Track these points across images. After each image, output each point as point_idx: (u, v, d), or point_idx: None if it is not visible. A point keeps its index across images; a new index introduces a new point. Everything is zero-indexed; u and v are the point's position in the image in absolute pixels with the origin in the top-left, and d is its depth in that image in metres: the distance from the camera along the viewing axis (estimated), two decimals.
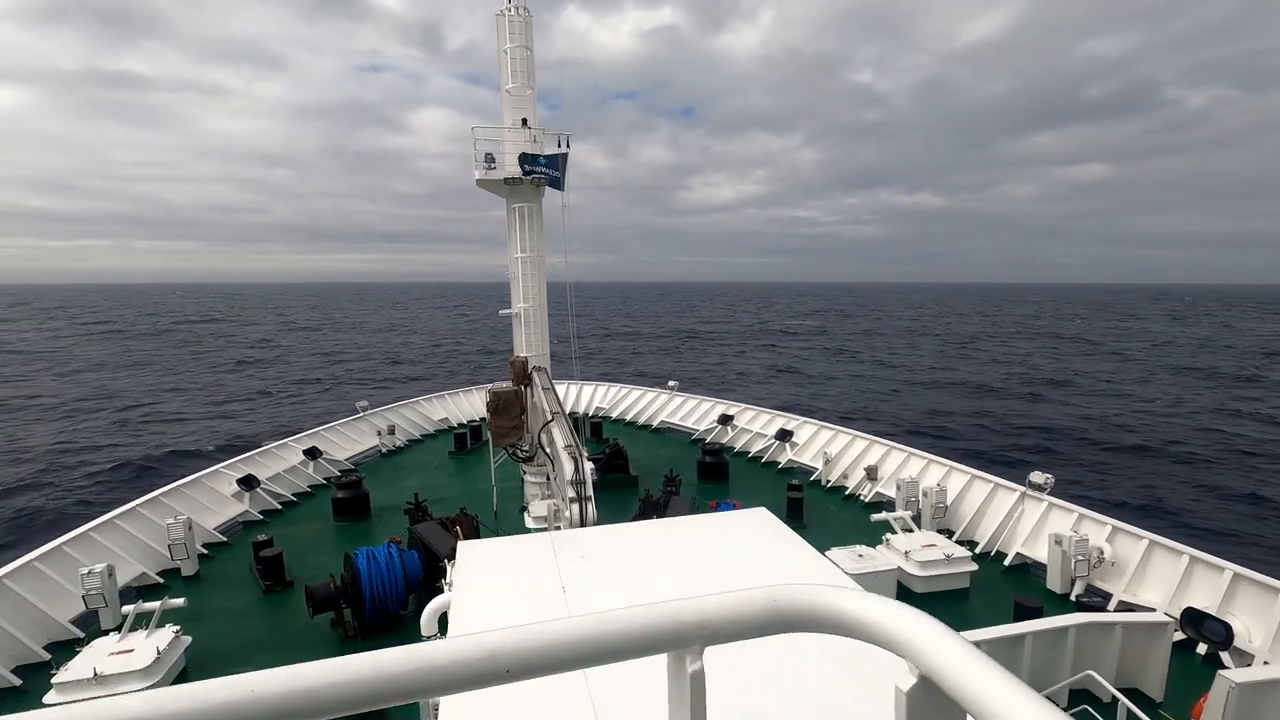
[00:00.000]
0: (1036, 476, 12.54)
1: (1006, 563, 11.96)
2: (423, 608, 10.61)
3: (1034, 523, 12.16)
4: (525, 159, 13.63)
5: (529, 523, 13.62)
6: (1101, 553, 10.74)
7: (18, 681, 9.00)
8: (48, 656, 9.46)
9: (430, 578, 10.58)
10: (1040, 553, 11.68)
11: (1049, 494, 12.40)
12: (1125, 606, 10.16)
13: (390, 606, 10.17)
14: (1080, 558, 10.59)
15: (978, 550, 12.28)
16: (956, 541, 12.12)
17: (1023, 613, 9.32)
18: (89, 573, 10.07)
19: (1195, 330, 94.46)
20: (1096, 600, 10.03)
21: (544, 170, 13.78)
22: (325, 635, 10.11)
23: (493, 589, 4.71)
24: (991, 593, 11.01)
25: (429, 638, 5.36)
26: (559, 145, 14.13)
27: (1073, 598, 10.58)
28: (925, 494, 13.32)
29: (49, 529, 19.83)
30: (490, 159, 14.02)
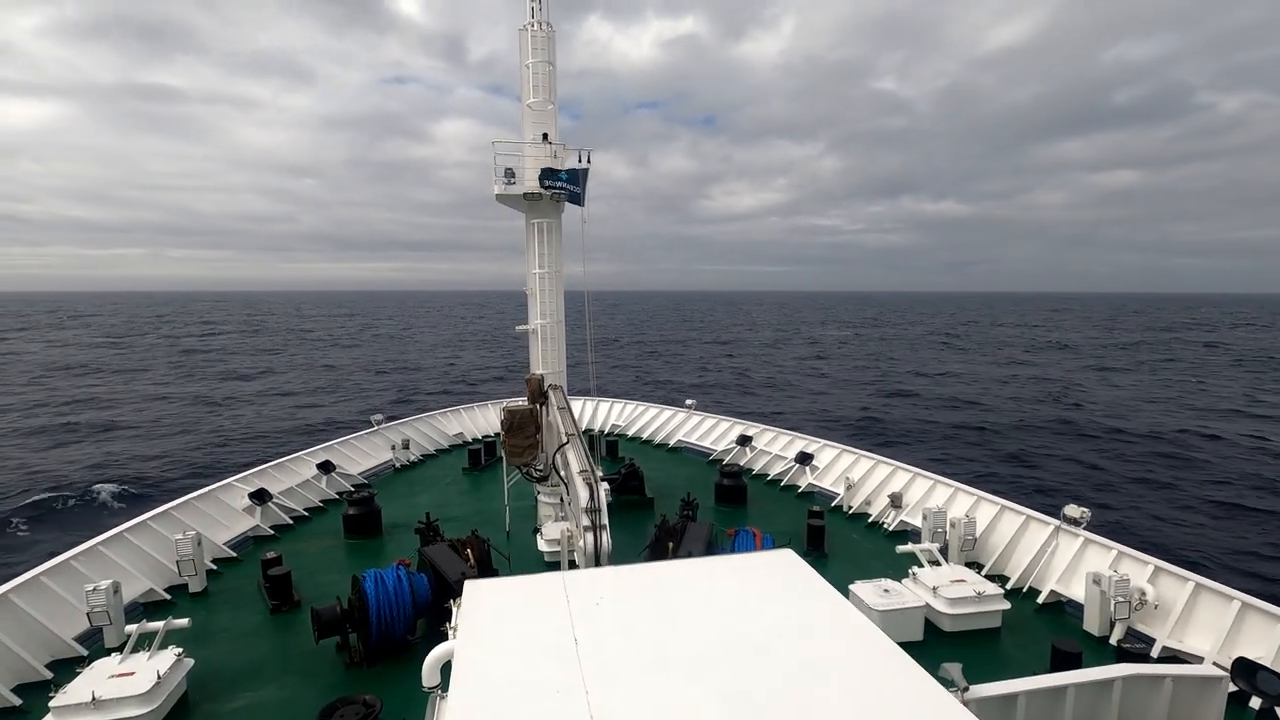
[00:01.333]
0: (1072, 510, 11.96)
1: (1040, 601, 11.39)
2: (430, 633, 10.36)
3: (1069, 559, 11.58)
4: (545, 174, 13.46)
5: (542, 545, 13.31)
6: (1143, 594, 10.15)
7: (18, 701, 8.82)
8: (50, 675, 9.28)
9: (439, 602, 10.30)
10: (1076, 591, 11.11)
11: (1085, 529, 11.83)
12: (1170, 653, 9.59)
13: (397, 632, 9.88)
14: (1120, 599, 10.01)
15: (1009, 587, 11.73)
16: (986, 576, 11.58)
17: (1060, 659, 8.79)
18: (94, 589, 9.90)
19: (1247, 343, 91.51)
20: (1139, 647, 9.44)
21: (564, 185, 13.61)
22: (330, 660, 9.84)
23: (500, 638, 4.38)
24: (1025, 634, 10.45)
25: (430, 689, 5.04)
26: (580, 160, 13.96)
27: (1112, 642, 10.01)
28: (953, 525, 12.79)
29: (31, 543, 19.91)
30: (510, 174, 13.88)
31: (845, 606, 4.69)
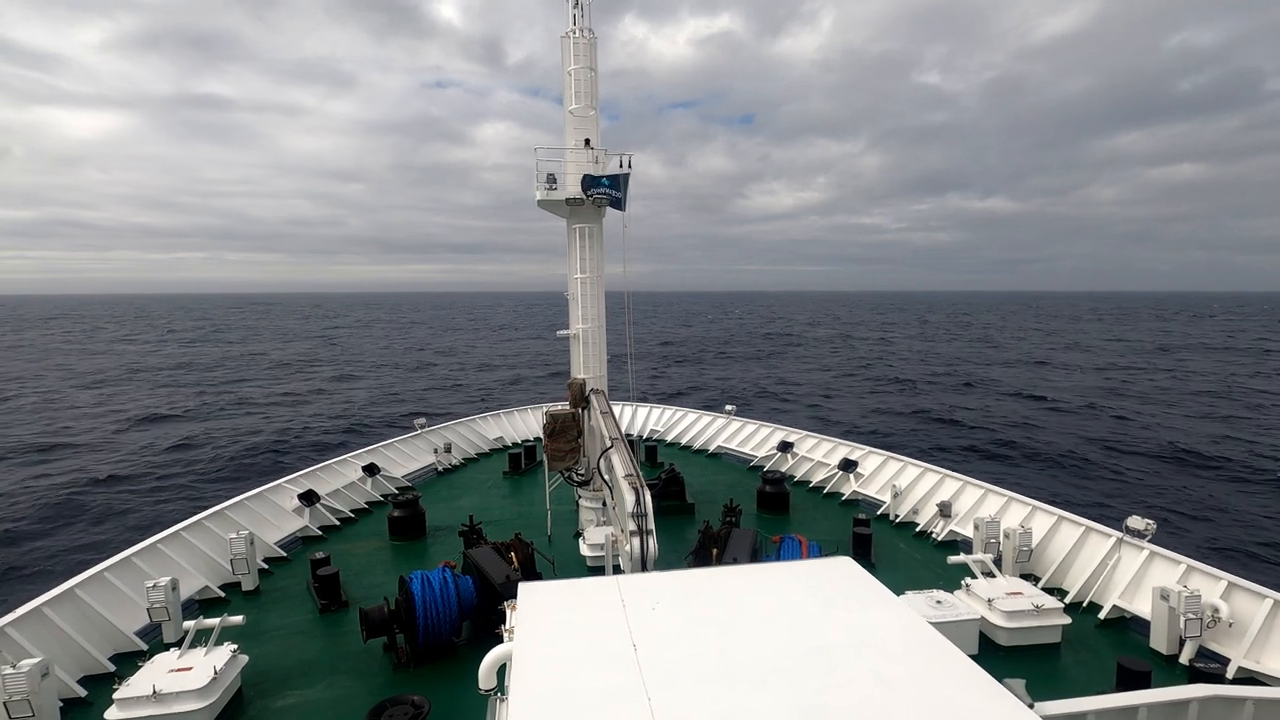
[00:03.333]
0: (1135, 521, 11.43)
1: (1102, 616, 10.90)
2: (476, 635, 10.42)
3: (1133, 573, 11.06)
4: (588, 181, 13.53)
5: (584, 550, 13.30)
6: (1216, 611, 9.62)
7: (84, 693, 9.13)
8: (112, 668, 9.61)
9: (484, 605, 10.35)
10: (1141, 607, 10.60)
11: (1150, 541, 11.30)
12: (1245, 674, 9.06)
13: (444, 634, 9.96)
14: (1191, 616, 9.48)
15: (1068, 600, 11.26)
16: (1043, 589, 11.14)
17: (1127, 677, 8.38)
18: (154, 586, 10.22)
19: None
20: (1213, 667, 8.95)
21: (606, 191, 13.65)
22: (378, 660, 9.98)
23: (557, 641, 4.34)
24: (1087, 650, 10.01)
25: (488, 692, 5.02)
26: (621, 165, 13.97)
27: (1183, 661, 9.51)
28: (1007, 535, 12.34)
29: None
30: (552, 179, 13.97)
31: (913, 617, 4.53)
